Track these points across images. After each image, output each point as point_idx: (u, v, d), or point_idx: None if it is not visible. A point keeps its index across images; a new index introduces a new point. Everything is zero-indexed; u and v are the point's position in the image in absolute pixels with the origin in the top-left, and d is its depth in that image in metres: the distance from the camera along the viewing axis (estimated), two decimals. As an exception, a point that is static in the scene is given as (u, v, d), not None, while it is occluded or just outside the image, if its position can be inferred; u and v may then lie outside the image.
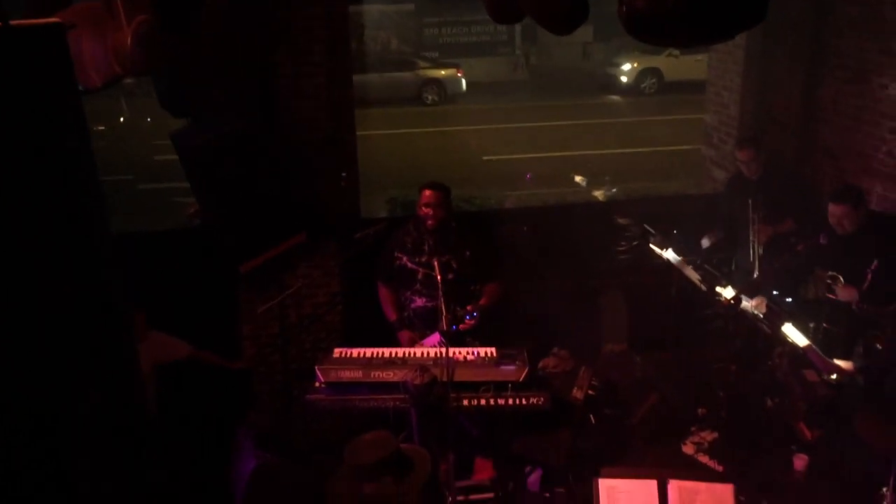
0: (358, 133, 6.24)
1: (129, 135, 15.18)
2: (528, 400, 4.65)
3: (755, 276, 5.77)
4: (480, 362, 4.78)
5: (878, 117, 5.87)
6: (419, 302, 5.27)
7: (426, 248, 5.21)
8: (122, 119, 15.21)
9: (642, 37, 2.30)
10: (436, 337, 5.12)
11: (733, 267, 6.18)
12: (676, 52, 19.59)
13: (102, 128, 15.43)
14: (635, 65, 20.46)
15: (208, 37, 4.59)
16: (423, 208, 5.17)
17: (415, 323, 5.33)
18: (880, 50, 5.80)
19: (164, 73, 4.19)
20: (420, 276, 5.22)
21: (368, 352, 4.92)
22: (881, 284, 4.93)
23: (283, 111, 5.56)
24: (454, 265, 5.14)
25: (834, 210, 5.08)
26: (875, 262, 4.96)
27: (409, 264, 5.25)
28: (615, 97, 20.03)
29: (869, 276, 4.97)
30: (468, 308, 5.11)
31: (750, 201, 5.90)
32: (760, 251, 5.89)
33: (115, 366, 2.12)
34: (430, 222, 5.15)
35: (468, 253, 5.22)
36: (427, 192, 5.18)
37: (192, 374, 5.29)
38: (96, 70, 2.55)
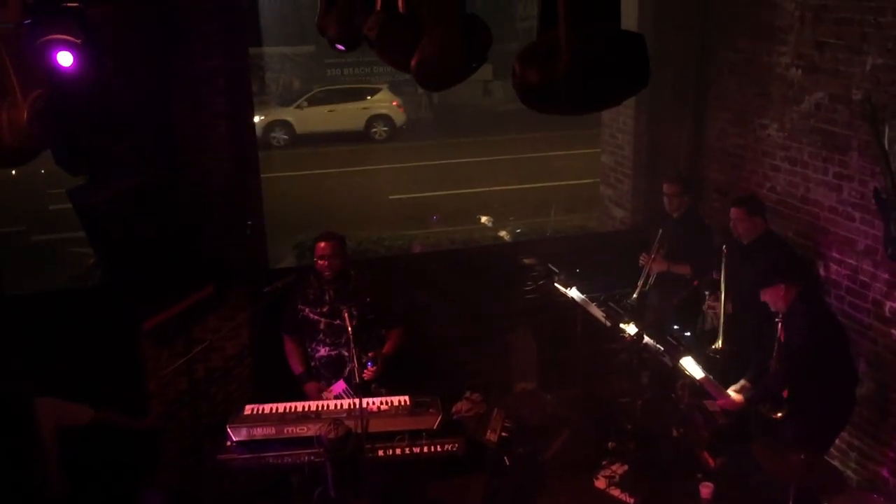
0: (262, 176, 6.20)
1: (21, 184, 14.60)
2: (443, 447, 4.70)
3: (633, 297, 6.08)
4: (394, 412, 4.80)
5: (760, 156, 6.23)
6: (322, 351, 5.29)
7: (327, 297, 5.25)
8: (13, 171, 14.55)
9: (535, 107, 2.44)
10: (341, 384, 5.15)
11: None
12: (305, 103, 19.42)
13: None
14: (263, 117, 18.73)
15: (106, 93, 4.52)
16: (319, 261, 5.20)
17: (321, 372, 5.35)
18: (757, 93, 6.18)
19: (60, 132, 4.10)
20: (322, 326, 5.25)
21: (281, 407, 4.88)
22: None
23: (184, 163, 5.50)
24: (355, 312, 5.16)
25: (732, 213, 5.63)
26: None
27: (312, 315, 5.28)
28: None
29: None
30: (370, 355, 5.14)
31: (660, 231, 6.17)
32: (652, 280, 6.13)
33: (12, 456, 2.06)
34: (327, 274, 5.19)
35: (368, 299, 5.27)
36: (321, 245, 5.21)
37: (96, 437, 5.11)
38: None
